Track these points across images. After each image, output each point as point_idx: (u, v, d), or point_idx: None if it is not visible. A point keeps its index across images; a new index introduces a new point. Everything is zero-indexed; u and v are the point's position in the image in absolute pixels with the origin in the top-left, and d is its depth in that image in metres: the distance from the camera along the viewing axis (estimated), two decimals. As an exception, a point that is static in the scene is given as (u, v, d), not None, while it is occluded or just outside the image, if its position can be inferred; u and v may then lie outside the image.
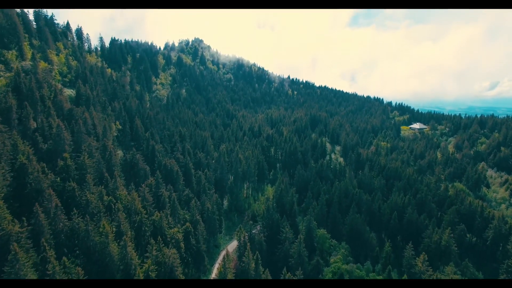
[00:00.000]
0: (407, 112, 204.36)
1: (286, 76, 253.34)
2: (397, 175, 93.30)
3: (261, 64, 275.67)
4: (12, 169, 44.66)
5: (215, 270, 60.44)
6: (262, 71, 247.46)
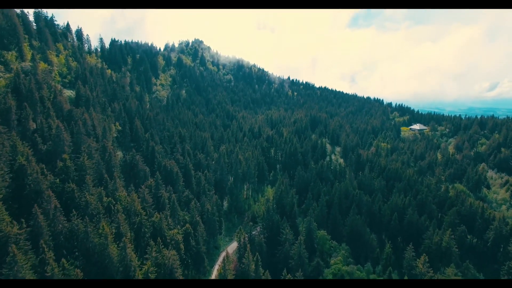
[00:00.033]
0: (407, 113, 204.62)
1: (286, 77, 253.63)
2: (398, 176, 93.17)
3: (261, 65, 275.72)
4: (11, 170, 44.51)
5: (215, 272, 60.28)
6: (262, 72, 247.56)
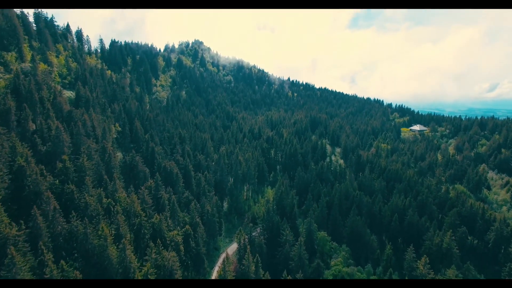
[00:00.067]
0: (407, 114, 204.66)
1: (286, 78, 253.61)
2: (398, 177, 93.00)
3: (261, 66, 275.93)
4: (10, 171, 44.38)
5: (215, 273, 60.04)
6: (262, 73, 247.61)
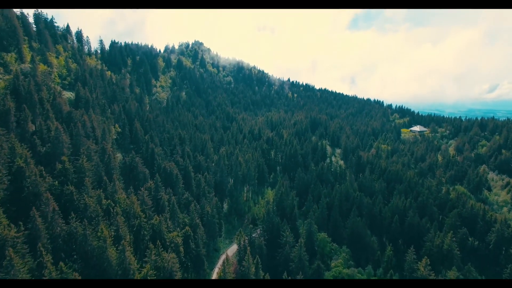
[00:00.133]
0: (407, 115, 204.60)
1: (286, 79, 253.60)
2: (398, 178, 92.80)
3: (261, 67, 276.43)
4: (9, 173, 44.20)
5: (215, 275, 59.81)
6: (262, 74, 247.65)
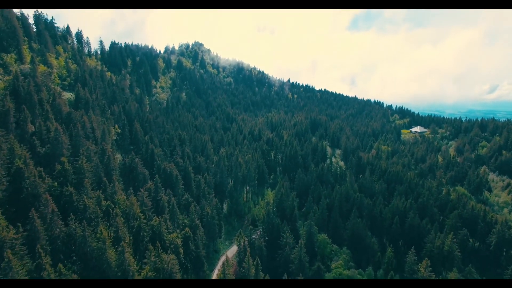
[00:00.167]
0: (408, 116, 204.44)
1: (286, 80, 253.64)
2: (398, 179, 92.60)
3: (261, 68, 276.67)
4: (9, 174, 44.02)
5: (215, 276, 59.58)
6: (262, 75, 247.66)
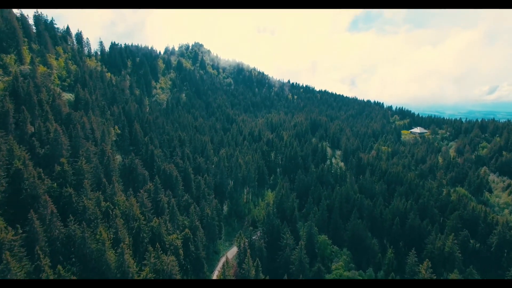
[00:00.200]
0: (408, 117, 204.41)
1: (286, 81, 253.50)
2: (399, 180, 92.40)
3: (261, 69, 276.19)
4: (7, 175, 43.82)
5: (215, 277, 59.34)
6: (262, 76, 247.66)
